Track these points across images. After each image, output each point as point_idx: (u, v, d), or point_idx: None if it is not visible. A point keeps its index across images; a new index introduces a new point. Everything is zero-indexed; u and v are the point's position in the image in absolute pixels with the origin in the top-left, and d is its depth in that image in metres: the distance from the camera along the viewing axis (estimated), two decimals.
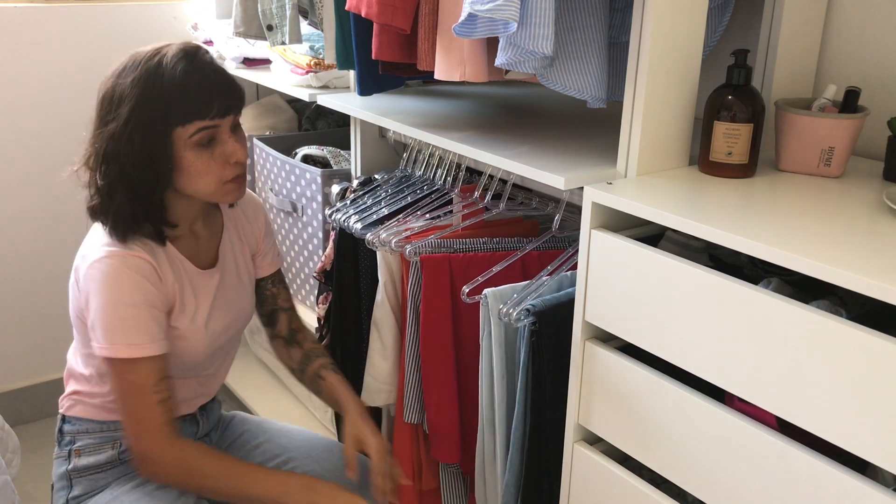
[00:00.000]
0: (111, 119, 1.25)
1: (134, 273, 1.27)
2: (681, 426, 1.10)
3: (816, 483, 0.95)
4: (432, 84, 1.94)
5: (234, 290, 1.48)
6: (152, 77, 1.24)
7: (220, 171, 1.31)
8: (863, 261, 0.91)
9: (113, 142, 1.25)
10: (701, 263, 1.06)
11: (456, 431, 1.53)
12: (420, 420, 1.58)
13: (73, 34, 2.38)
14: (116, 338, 1.26)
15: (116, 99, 1.25)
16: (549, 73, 1.25)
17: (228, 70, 1.36)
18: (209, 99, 1.27)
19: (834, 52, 1.41)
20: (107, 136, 1.25)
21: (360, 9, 1.36)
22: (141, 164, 1.26)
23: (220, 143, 1.30)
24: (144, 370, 1.27)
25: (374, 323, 1.60)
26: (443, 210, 1.58)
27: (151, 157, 1.25)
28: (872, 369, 0.87)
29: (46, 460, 2.33)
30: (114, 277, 1.26)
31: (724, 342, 1.02)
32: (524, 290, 1.32)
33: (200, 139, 1.27)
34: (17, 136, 2.36)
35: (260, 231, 1.54)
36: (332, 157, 2.08)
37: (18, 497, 1.47)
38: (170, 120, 1.25)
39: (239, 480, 1.28)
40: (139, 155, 1.25)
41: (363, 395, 1.63)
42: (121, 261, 1.27)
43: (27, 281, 2.45)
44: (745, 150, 1.21)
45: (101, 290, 1.26)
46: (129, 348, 1.26)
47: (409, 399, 1.56)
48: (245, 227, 1.52)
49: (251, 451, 1.54)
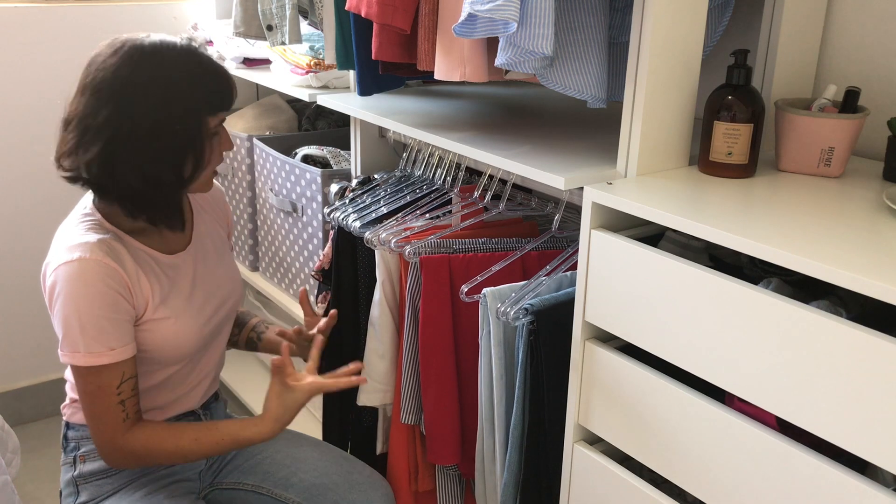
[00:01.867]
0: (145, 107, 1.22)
1: (97, 281, 1.24)
2: (681, 426, 1.10)
3: (816, 483, 0.95)
4: (432, 84, 1.94)
5: (218, 267, 1.47)
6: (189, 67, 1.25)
7: (217, 160, 1.34)
8: (863, 261, 0.91)
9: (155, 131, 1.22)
10: (701, 263, 1.06)
11: (455, 433, 1.53)
12: (417, 421, 1.58)
13: (73, 34, 2.38)
14: (77, 346, 1.24)
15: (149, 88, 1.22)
16: (549, 73, 1.25)
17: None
18: (229, 92, 1.31)
19: (834, 52, 1.41)
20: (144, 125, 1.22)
21: (360, 9, 1.36)
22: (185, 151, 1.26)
23: (220, 134, 1.33)
24: (106, 375, 1.26)
25: (372, 322, 1.60)
26: (442, 210, 1.58)
27: (192, 143, 1.26)
28: (872, 369, 0.87)
29: (46, 460, 2.33)
30: (75, 285, 1.23)
31: (724, 342, 1.02)
32: (522, 289, 1.32)
33: (217, 130, 1.31)
34: (18, 135, 2.36)
35: (228, 212, 1.58)
36: (332, 158, 2.08)
37: (18, 497, 1.47)
38: (203, 109, 1.27)
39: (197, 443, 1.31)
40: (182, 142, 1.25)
41: (359, 394, 1.63)
42: (84, 266, 1.23)
43: (27, 281, 2.45)
44: (745, 150, 1.21)
45: (62, 297, 1.24)
46: (88, 357, 1.25)
47: (407, 400, 1.56)
48: (211, 204, 1.53)
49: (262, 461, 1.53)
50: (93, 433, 1.31)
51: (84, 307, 1.23)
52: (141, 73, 1.23)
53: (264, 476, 1.51)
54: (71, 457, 1.42)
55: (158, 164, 1.25)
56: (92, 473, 1.40)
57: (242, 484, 1.52)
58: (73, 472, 1.41)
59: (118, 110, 1.22)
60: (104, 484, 1.40)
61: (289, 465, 1.52)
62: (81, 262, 1.23)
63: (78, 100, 1.26)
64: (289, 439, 1.57)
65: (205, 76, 1.27)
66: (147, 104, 1.22)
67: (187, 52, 1.27)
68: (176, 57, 1.25)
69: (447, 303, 1.47)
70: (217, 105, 1.29)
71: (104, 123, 1.22)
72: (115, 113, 1.22)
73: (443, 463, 1.55)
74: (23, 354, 2.52)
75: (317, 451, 1.55)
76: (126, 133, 1.22)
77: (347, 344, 1.72)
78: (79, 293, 1.23)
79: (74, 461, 1.41)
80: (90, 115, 1.23)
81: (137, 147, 1.23)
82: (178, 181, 1.28)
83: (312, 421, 2.35)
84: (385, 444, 1.70)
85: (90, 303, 1.23)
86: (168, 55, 1.25)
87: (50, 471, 2.29)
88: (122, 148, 1.23)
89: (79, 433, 1.41)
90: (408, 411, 1.56)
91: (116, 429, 1.29)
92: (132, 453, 1.30)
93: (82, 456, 1.41)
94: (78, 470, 1.41)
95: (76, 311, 1.23)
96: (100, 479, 1.40)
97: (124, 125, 1.22)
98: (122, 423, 1.29)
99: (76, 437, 1.42)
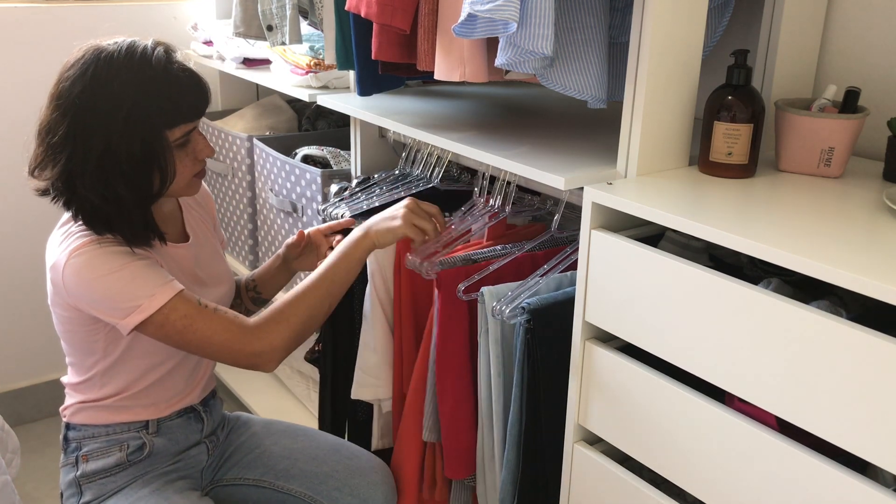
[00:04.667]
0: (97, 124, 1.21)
1: (110, 246, 1.26)
2: (681, 426, 1.10)
3: (816, 483, 0.95)
4: (432, 84, 1.94)
5: (213, 258, 1.49)
6: (147, 79, 1.23)
7: (191, 168, 1.33)
8: (863, 261, 0.91)
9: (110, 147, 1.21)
10: (701, 263, 1.06)
11: (473, 447, 1.49)
12: (439, 438, 1.54)
13: (73, 34, 2.36)
14: (139, 299, 1.24)
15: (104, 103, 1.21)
16: (550, 73, 1.25)
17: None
18: (194, 102, 1.28)
19: (834, 52, 1.41)
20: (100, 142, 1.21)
21: (360, 9, 1.36)
22: (144, 166, 1.24)
23: (192, 141, 1.31)
24: (183, 303, 1.26)
25: (364, 316, 1.59)
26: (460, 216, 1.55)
27: (151, 157, 1.25)
28: (872, 369, 0.87)
29: (47, 460, 2.33)
30: (93, 261, 1.24)
31: (724, 342, 1.02)
32: (519, 287, 1.32)
33: (182, 141, 1.29)
34: (17, 136, 2.35)
35: (211, 203, 1.58)
36: (332, 158, 2.08)
37: (18, 497, 1.47)
38: (160, 123, 1.24)
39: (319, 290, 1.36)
40: (141, 157, 1.23)
41: (354, 388, 1.61)
42: (91, 247, 1.25)
43: (27, 281, 2.46)
44: (745, 150, 1.21)
45: (90, 275, 1.24)
46: (154, 300, 1.24)
47: (429, 419, 1.51)
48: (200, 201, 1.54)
49: (261, 455, 1.54)
50: (227, 357, 1.30)
51: (116, 266, 1.24)
52: (94, 89, 1.21)
53: (265, 470, 1.52)
54: (73, 457, 1.42)
55: (118, 182, 1.23)
56: (95, 473, 1.40)
57: (244, 479, 1.52)
58: (76, 472, 1.41)
59: (73, 129, 1.22)
60: (108, 482, 1.40)
61: (287, 456, 1.52)
62: (92, 243, 1.26)
63: (45, 111, 1.26)
64: (284, 432, 1.58)
65: (159, 89, 1.23)
66: (99, 123, 1.21)
67: (143, 62, 1.23)
68: (130, 70, 1.22)
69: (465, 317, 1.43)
70: (175, 117, 1.25)
71: (63, 142, 1.23)
72: (71, 131, 1.22)
73: (460, 477, 1.52)
74: (23, 354, 2.52)
75: (313, 441, 1.56)
76: (81, 153, 1.22)
77: (342, 340, 1.71)
78: (107, 263, 1.24)
79: (77, 461, 1.41)
80: (52, 130, 1.24)
81: (94, 166, 1.22)
82: (144, 197, 1.27)
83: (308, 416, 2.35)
84: (381, 441, 1.69)
85: (123, 264, 1.25)
86: (122, 68, 1.22)
87: (50, 471, 2.29)
88: (80, 167, 1.22)
89: (80, 433, 1.41)
90: (430, 429, 1.52)
91: (235, 330, 1.28)
92: (275, 337, 1.30)
93: (84, 455, 1.41)
94: (81, 470, 1.41)
95: (110, 273, 1.24)
96: (103, 478, 1.40)
97: (79, 145, 1.22)
98: (232, 322, 1.29)
99: (77, 438, 1.42)
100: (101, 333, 1.34)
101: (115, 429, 1.41)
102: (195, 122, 1.30)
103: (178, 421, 1.46)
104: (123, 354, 1.37)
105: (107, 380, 1.38)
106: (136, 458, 1.41)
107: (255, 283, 1.65)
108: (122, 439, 1.41)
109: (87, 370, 1.39)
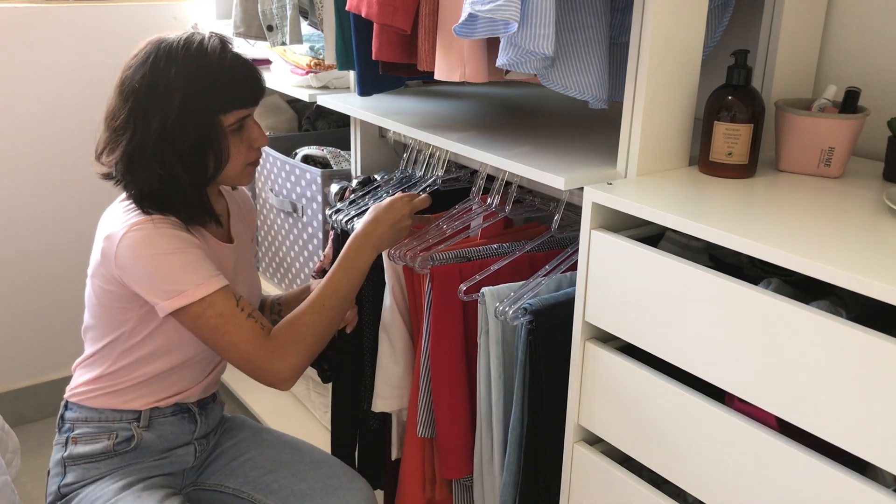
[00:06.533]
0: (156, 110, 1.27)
1: (168, 229, 1.30)
2: (681, 426, 1.10)
3: (816, 483, 0.95)
4: (432, 84, 1.94)
5: (249, 267, 1.53)
6: (201, 66, 1.29)
7: (245, 155, 1.37)
8: (863, 261, 0.91)
9: (166, 131, 1.27)
10: (701, 264, 1.06)
11: (469, 445, 1.49)
12: (433, 434, 1.54)
13: (73, 34, 2.38)
14: (185, 285, 1.27)
15: (162, 90, 1.27)
16: (550, 73, 1.25)
17: None
18: (248, 89, 1.34)
19: (834, 52, 1.41)
20: (156, 128, 1.27)
21: (361, 9, 1.36)
22: (198, 149, 1.30)
23: (247, 128, 1.36)
24: (222, 300, 1.29)
25: (384, 327, 1.57)
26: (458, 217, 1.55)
27: (206, 141, 1.30)
28: (872, 369, 0.87)
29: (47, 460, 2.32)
30: (151, 238, 1.28)
31: (724, 342, 1.02)
32: (521, 288, 1.32)
33: (236, 126, 1.33)
34: (18, 136, 2.35)
35: (254, 215, 1.62)
36: (333, 158, 2.08)
37: (18, 497, 1.47)
38: (215, 108, 1.30)
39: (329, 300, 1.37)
40: (195, 140, 1.29)
41: (375, 401, 1.60)
42: (151, 225, 1.29)
43: (28, 281, 2.46)
44: (745, 150, 1.21)
45: (145, 251, 1.27)
46: (198, 289, 1.27)
47: (422, 413, 1.52)
48: (244, 210, 1.58)
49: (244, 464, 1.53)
50: (247, 369, 1.32)
51: (170, 249, 1.27)
52: (153, 75, 1.28)
53: (245, 480, 1.52)
54: (64, 437, 1.44)
55: (174, 164, 1.29)
56: (81, 456, 1.41)
57: (224, 486, 1.53)
58: (64, 452, 1.42)
59: (133, 113, 1.29)
60: (91, 468, 1.41)
61: (270, 469, 1.52)
62: (152, 222, 1.29)
63: (111, 99, 1.33)
64: (271, 442, 1.58)
65: (215, 75, 1.30)
66: (157, 107, 1.28)
67: (200, 51, 1.30)
68: (188, 57, 1.29)
69: (458, 313, 1.44)
70: (230, 103, 1.31)
71: (123, 125, 1.30)
72: (132, 115, 1.29)
73: (455, 476, 1.52)
74: (23, 354, 2.52)
75: (297, 454, 1.55)
76: (141, 135, 1.28)
77: (348, 346, 1.71)
78: (164, 243, 1.28)
79: (67, 442, 1.42)
80: (115, 115, 1.31)
81: (152, 149, 1.28)
82: (199, 180, 1.33)
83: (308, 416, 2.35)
84: (400, 450, 1.67)
85: (179, 248, 1.28)
86: (179, 56, 1.29)
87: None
88: (139, 149, 1.29)
89: (76, 414, 1.42)
90: (423, 424, 1.53)
91: (260, 344, 1.30)
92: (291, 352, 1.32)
93: (75, 438, 1.42)
94: (68, 451, 1.42)
95: (163, 254, 1.27)
96: (87, 463, 1.41)
97: (139, 128, 1.28)
98: (261, 334, 1.31)
99: (72, 419, 1.43)
100: (133, 312, 1.36)
101: (108, 416, 1.42)
102: (249, 110, 1.36)
103: (171, 418, 1.46)
104: (146, 339, 1.39)
105: (121, 358, 1.40)
106: (122, 448, 1.41)
107: (280, 307, 1.66)
108: (112, 428, 1.41)
109: (106, 343, 1.40)
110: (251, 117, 1.38)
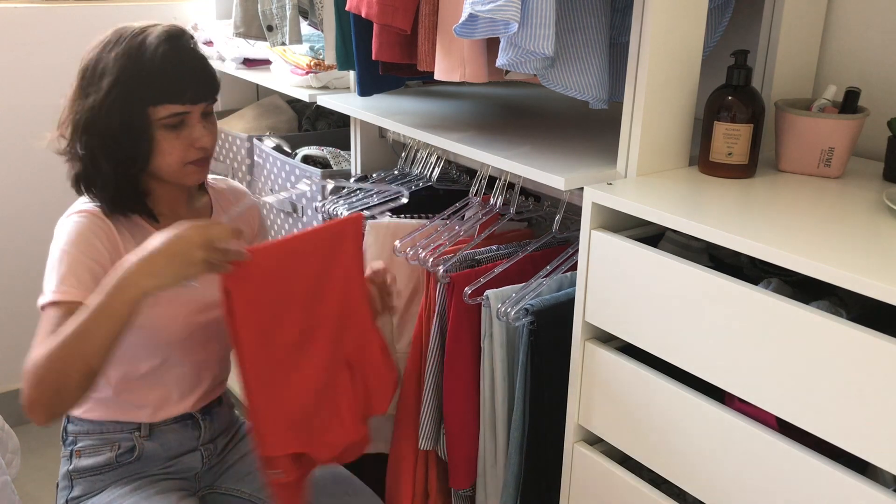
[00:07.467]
0: (92, 91, 1.29)
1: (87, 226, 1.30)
2: (681, 426, 1.10)
3: (816, 483, 0.95)
4: (432, 84, 1.94)
5: None
6: (134, 56, 1.29)
7: (183, 153, 1.33)
8: (863, 261, 0.91)
9: (93, 113, 1.29)
10: (701, 263, 1.06)
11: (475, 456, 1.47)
12: (435, 446, 1.52)
13: (73, 34, 2.37)
14: (49, 285, 1.26)
15: (99, 72, 1.30)
16: (550, 73, 1.25)
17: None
18: (183, 85, 1.30)
19: (834, 52, 1.41)
20: (87, 108, 1.29)
21: (361, 9, 1.36)
22: (120, 137, 1.29)
23: (187, 126, 1.33)
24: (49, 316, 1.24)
25: None
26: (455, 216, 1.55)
27: (129, 130, 1.29)
28: (872, 369, 0.87)
29: (46, 460, 2.33)
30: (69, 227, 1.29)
31: (724, 342, 1.02)
32: (523, 290, 1.32)
33: (171, 122, 1.31)
34: (17, 136, 2.35)
35: (253, 227, 1.56)
36: (333, 158, 2.08)
37: (18, 497, 1.47)
38: (145, 99, 1.28)
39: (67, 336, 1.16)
40: (118, 127, 1.29)
41: None
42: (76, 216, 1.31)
43: (27, 281, 2.45)
44: (745, 150, 1.21)
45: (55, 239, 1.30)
46: (50, 294, 1.25)
47: (426, 425, 1.49)
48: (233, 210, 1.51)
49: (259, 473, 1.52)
50: None
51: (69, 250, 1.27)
52: (98, 57, 1.31)
53: (261, 487, 1.51)
54: (68, 450, 1.43)
55: (95, 146, 1.30)
56: (86, 469, 1.41)
57: (240, 491, 1.52)
58: (69, 465, 1.42)
59: (76, 91, 1.32)
60: (97, 480, 1.41)
61: None
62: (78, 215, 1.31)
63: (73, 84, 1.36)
64: None
65: (147, 66, 1.28)
66: (92, 88, 1.30)
67: (142, 41, 1.30)
68: (129, 46, 1.30)
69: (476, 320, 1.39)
70: (159, 96, 1.28)
71: (70, 102, 1.33)
72: (76, 93, 1.32)
73: (466, 486, 1.50)
74: (23, 354, 2.51)
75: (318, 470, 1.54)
76: (83, 118, 1.30)
77: None
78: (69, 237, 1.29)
79: (71, 455, 1.42)
80: (72, 99, 1.34)
81: (81, 128, 1.31)
82: (123, 168, 1.32)
83: None
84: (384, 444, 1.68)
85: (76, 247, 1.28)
86: (124, 43, 1.30)
87: (50, 471, 2.28)
88: (73, 127, 1.32)
89: (78, 427, 1.42)
90: (426, 437, 1.50)
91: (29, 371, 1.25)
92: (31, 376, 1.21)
93: (78, 451, 1.41)
94: (73, 464, 1.41)
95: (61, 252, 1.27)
96: (93, 476, 1.41)
97: (76, 106, 1.32)
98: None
99: (75, 432, 1.42)
100: None
101: (109, 427, 1.41)
102: (187, 107, 1.31)
103: (174, 426, 1.45)
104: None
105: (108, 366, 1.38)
106: (125, 459, 1.41)
107: None
108: (114, 439, 1.41)
109: None
110: (195, 115, 1.32)
